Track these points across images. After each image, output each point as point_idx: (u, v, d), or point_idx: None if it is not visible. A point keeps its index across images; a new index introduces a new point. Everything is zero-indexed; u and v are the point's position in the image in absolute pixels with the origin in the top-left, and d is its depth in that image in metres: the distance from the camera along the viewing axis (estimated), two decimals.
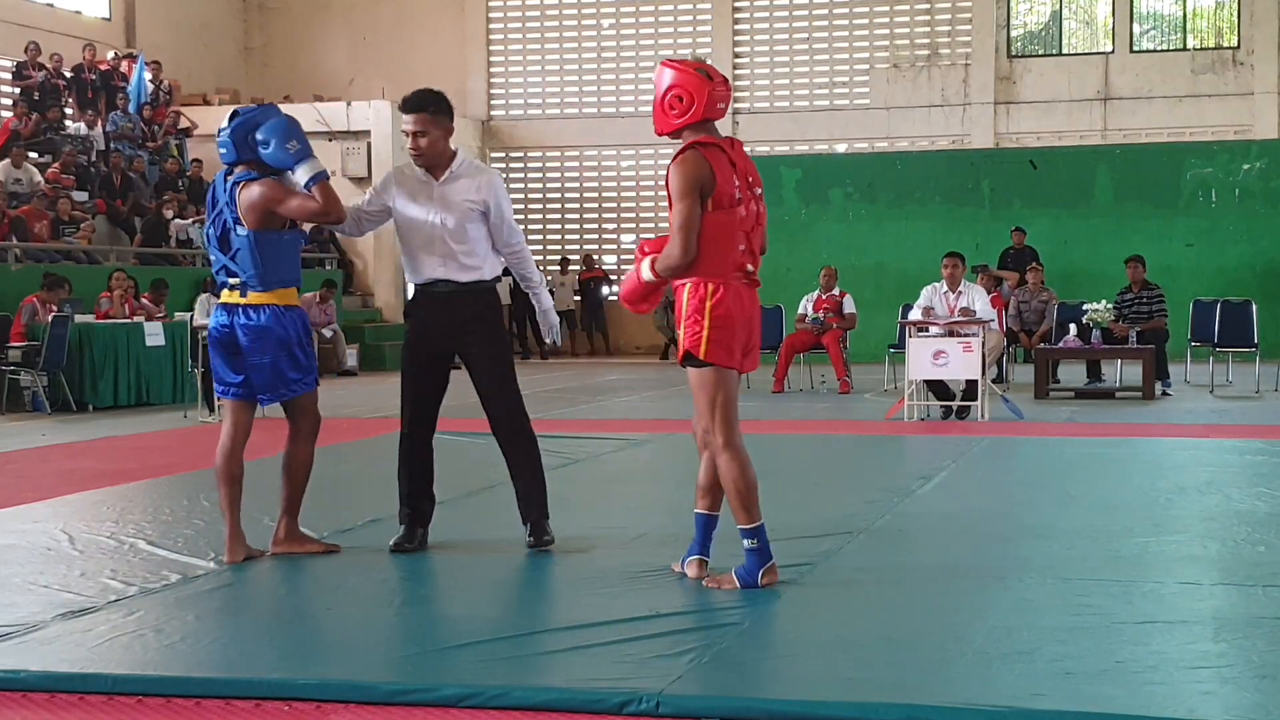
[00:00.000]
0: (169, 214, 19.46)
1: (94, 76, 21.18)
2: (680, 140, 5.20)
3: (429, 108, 6.03)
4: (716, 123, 5.26)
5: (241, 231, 5.97)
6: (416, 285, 6.18)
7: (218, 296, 6.33)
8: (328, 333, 20.02)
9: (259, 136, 5.97)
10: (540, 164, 25.87)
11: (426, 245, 6.07)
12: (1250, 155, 20.50)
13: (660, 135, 5.30)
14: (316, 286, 20.45)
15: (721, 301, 5.19)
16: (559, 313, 24.96)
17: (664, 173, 5.28)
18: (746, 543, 5.24)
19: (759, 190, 5.32)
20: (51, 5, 22.19)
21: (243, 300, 6.05)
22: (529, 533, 6.20)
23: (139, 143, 21.00)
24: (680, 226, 5.08)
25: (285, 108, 18.41)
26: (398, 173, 6.28)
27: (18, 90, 20.21)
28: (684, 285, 5.23)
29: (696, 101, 5.14)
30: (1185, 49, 23.42)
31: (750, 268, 5.29)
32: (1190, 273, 19.64)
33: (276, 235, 6.01)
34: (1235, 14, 23.23)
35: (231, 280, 6.08)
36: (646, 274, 5.23)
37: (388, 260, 23.08)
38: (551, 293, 23.95)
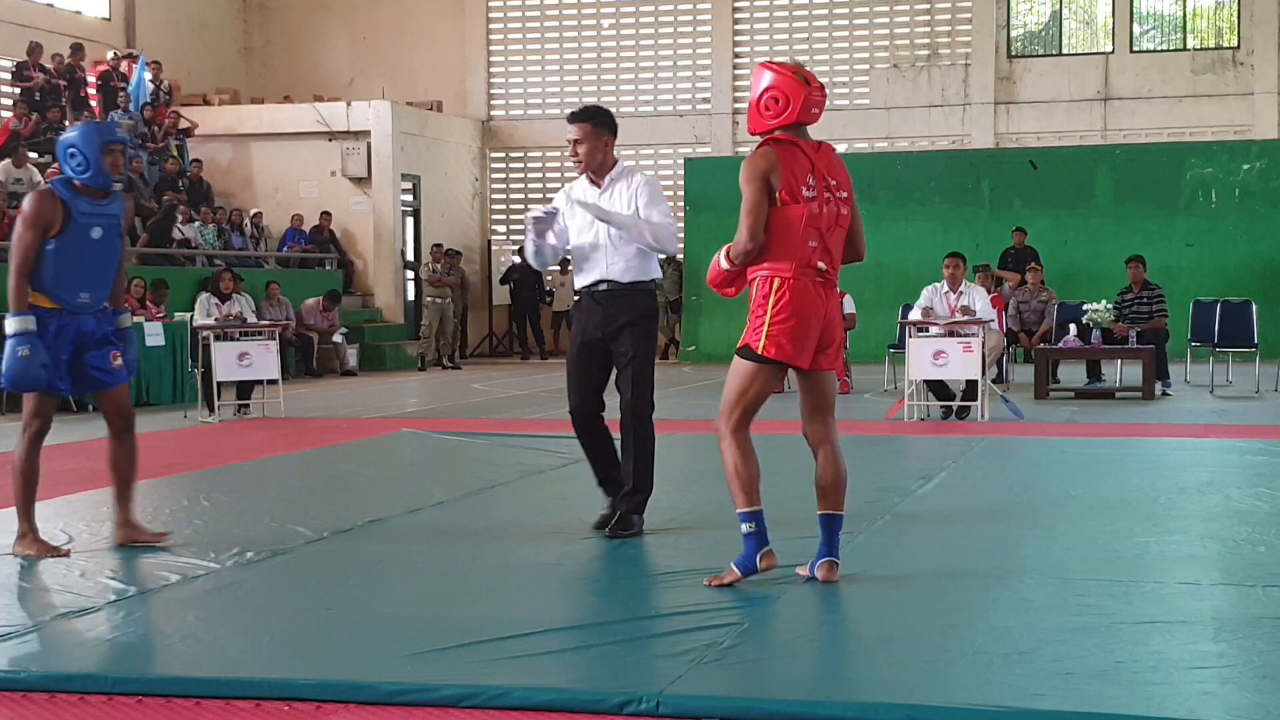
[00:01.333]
0: (179, 218, 19.51)
1: (92, 79, 21.17)
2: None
3: (591, 120, 6.51)
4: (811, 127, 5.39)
5: None
6: (581, 287, 6.61)
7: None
8: (337, 338, 20.06)
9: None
10: (540, 164, 25.86)
11: (592, 249, 6.52)
12: (1250, 155, 20.50)
13: (753, 134, 5.42)
14: (318, 289, 20.48)
15: (784, 295, 5.28)
16: (558, 313, 25.14)
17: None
18: (744, 527, 5.32)
19: (844, 194, 5.42)
20: (51, 5, 22.18)
21: None
22: (613, 522, 6.55)
23: (140, 143, 21.01)
24: (745, 213, 5.25)
25: (285, 108, 18.57)
26: (570, 186, 6.81)
27: (18, 91, 20.20)
28: (755, 279, 5.36)
29: (793, 104, 5.30)
30: (1185, 49, 23.42)
31: (823, 265, 5.35)
32: (1190, 273, 19.65)
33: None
34: (1235, 14, 23.23)
35: None
36: (724, 262, 5.41)
37: (387, 260, 23.08)
38: (551, 294, 24.15)
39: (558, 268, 24.58)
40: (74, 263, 6.16)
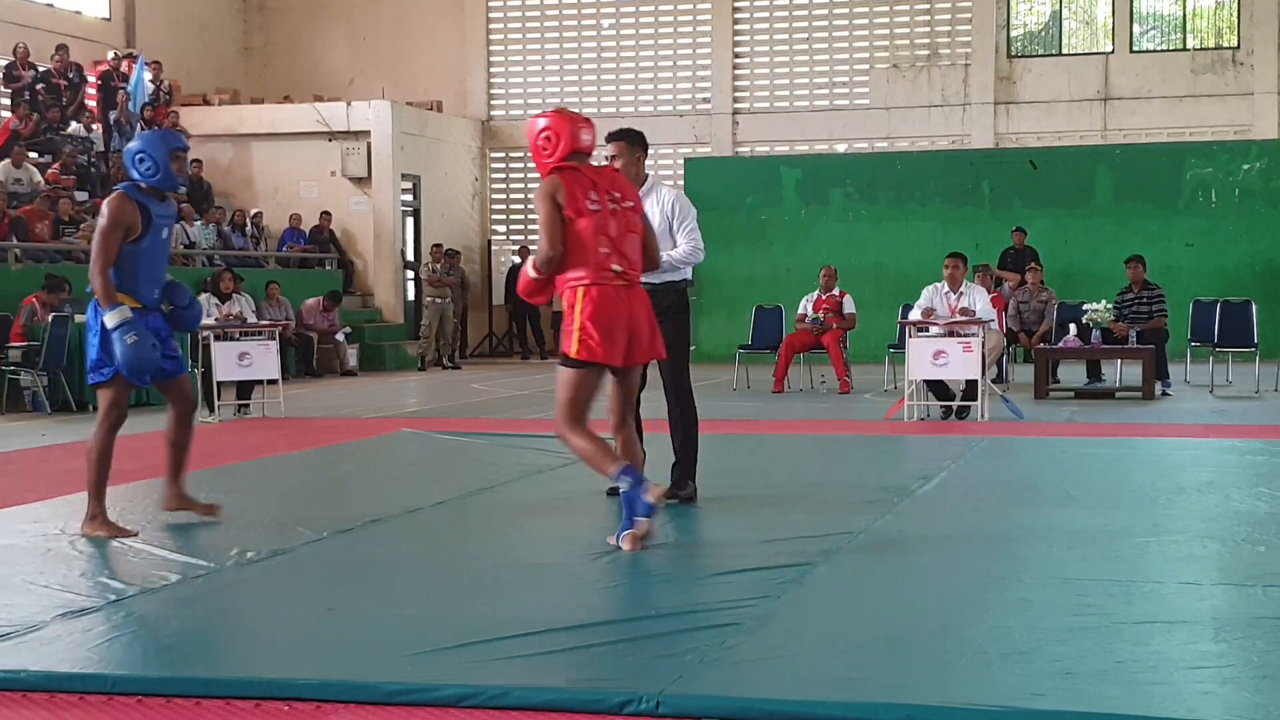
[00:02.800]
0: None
1: (93, 78, 21.17)
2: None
3: (625, 138, 7.25)
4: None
5: None
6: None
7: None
8: (340, 337, 20.06)
9: None
10: None
11: None
12: (1250, 155, 20.50)
13: (543, 176, 6.10)
14: (318, 289, 20.47)
15: (588, 302, 5.96)
16: (558, 313, 25.13)
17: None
18: (624, 484, 5.92)
19: (629, 204, 6.14)
20: (51, 5, 22.18)
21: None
22: (670, 484, 7.26)
23: None
24: (541, 228, 6.00)
25: (285, 108, 18.54)
26: None
27: (10, 91, 20.20)
28: (564, 293, 6.04)
29: (563, 138, 6.04)
30: (1185, 49, 23.42)
31: (618, 268, 6.02)
32: (1190, 273, 19.64)
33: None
34: (1235, 14, 23.23)
35: None
36: (531, 271, 6.14)
37: (387, 261, 23.09)
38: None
39: None
40: (151, 263, 6.71)
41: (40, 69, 20.56)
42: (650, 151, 7.58)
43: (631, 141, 7.23)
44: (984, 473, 8.82)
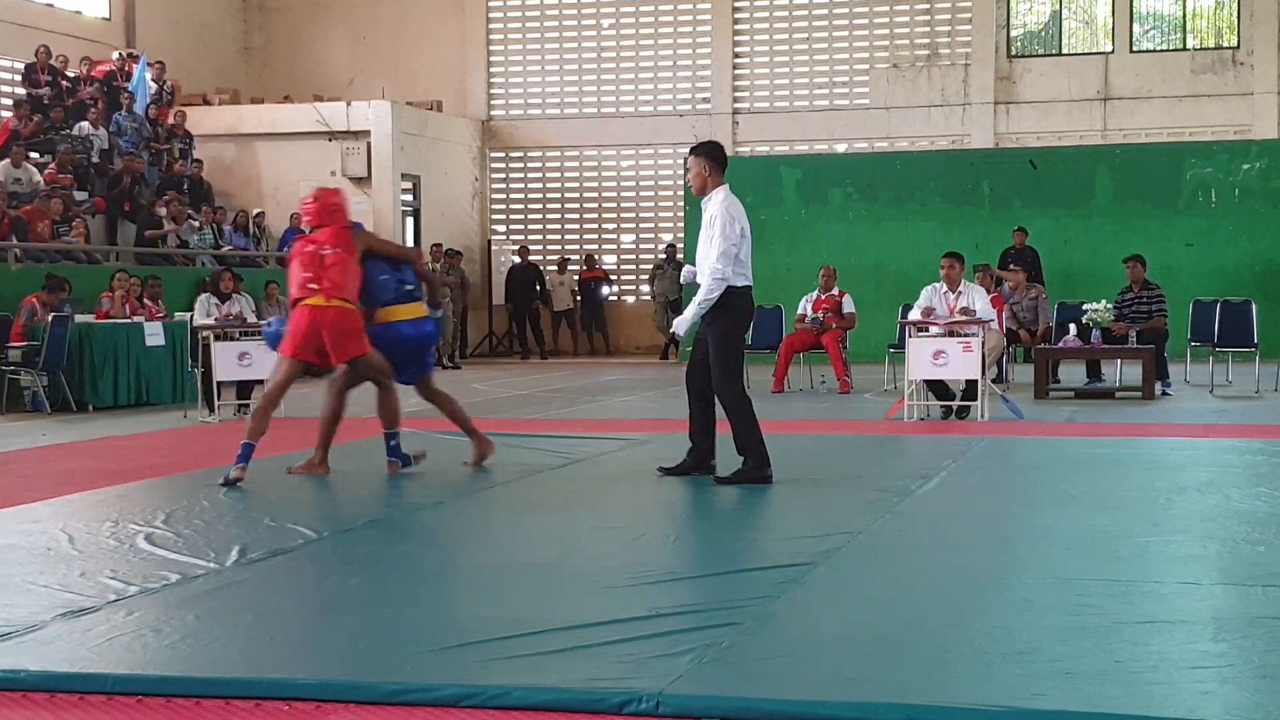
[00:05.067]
0: (162, 212, 19.47)
1: (92, 81, 21.16)
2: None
3: (694, 151, 8.24)
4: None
5: None
6: None
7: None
8: None
9: None
10: (540, 164, 25.86)
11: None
12: (1250, 155, 20.49)
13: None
14: None
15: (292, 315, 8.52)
16: (558, 312, 25.14)
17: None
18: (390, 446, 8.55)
19: (325, 248, 8.45)
20: (51, 5, 22.18)
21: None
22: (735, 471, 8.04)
23: (145, 143, 21.01)
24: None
25: (285, 108, 18.53)
26: None
27: (25, 94, 20.22)
28: None
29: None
30: (1185, 49, 23.42)
31: (314, 286, 8.39)
32: (1190, 273, 19.64)
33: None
34: (1235, 14, 23.23)
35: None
36: None
37: None
38: (550, 292, 24.15)
39: (555, 268, 24.66)
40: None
41: (57, 71, 20.60)
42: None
43: (698, 154, 8.18)
44: (984, 473, 8.82)
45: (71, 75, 20.93)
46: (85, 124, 20.31)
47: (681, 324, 8.36)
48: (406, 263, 8.90)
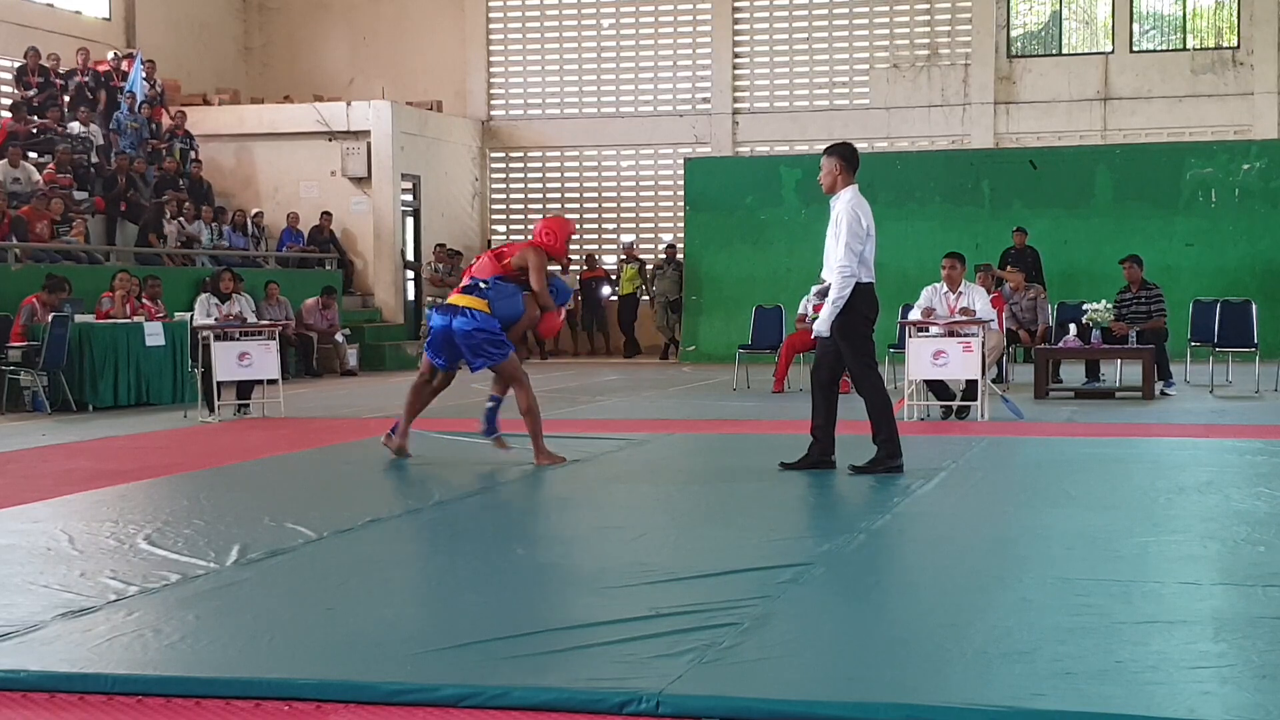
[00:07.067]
0: (169, 213, 19.50)
1: (88, 79, 21.16)
2: None
3: (830, 151, 8.68)
4: None
5: None
6: None
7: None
8: (339, 337, 20.05)
9: None
10: (540, 164, 25.86)
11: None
12: (1250, 155, 20.50)
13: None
14: (318, 289, 20.47)
15: None
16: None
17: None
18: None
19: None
20: (51, 5, 22.18)
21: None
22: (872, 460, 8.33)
23: (143, 142, 21.01)
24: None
25: (285, 108, 18.51)
26: None
27: (18, 94, 20.22)
28: None
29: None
30: (1185, 49, 23.43)
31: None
32: (1190, 273, 19.64)
33: None
34: (1235, 14, 23.24)
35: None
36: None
37: (387, 260, 23.09)
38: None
39: (557, 267, 24.62)
40: None
41: (49, 72, 20.59)
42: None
43: (829, 154, 8.63)
44: (984, 473, 8.82)
45: (64, 72, 20.91)
46: (75, 124, 20.31)
47: (823, 325, 8.51)
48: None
